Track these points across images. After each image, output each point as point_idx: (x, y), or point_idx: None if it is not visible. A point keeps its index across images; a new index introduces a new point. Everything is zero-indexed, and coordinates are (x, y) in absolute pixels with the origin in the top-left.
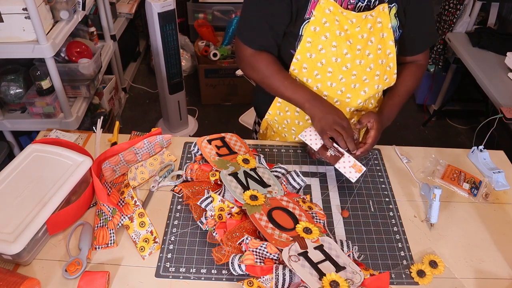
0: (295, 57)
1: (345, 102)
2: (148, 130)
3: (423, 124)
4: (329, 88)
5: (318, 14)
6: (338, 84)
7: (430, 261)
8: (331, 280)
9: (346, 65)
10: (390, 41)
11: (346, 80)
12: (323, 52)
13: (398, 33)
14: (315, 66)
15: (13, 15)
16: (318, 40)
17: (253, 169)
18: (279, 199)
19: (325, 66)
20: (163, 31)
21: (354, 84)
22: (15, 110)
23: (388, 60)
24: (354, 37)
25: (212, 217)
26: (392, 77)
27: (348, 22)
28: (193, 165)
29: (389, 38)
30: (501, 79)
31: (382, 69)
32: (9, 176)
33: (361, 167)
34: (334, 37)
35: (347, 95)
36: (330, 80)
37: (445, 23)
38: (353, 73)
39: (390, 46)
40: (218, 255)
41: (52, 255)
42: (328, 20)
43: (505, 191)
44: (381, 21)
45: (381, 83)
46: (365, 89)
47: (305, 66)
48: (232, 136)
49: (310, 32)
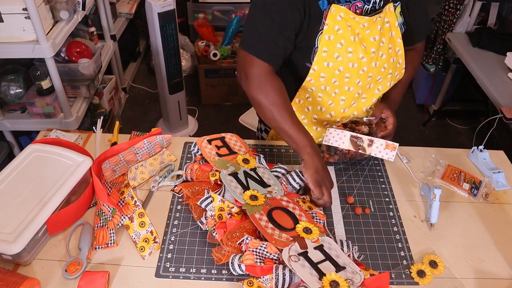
0: (312, 68)
1: (361, 103)
2: (148, 130)
3: (423, 124)
4: (346, 92)
5: (330, 22)
6: (355, 87)
7: (430, 261)
8: (331, 280)
9: (363, 68)
10: (398, 38)
11: (362, 83)
12: (340, 59)
13: (403, 30)
14: (333, 74)
15: (13, 15)
16: (334, 48)
17: (253, 169)
18: (279, 199)
19: (343, 72)
20: (163, 31)
21: (369, 84)
22: (15, 110)
23: (398, 57)
24: (366, 40)
25: (212, 217)
26: (402, 71)
27: (360, 26)
28: (193, 165)
29: (397, 36)
30: (501, 79)
31: (393, 67)
32: (9, 176)
33: (394, 144)
34: (349, 43)
35: (363, 96)
36: (347, 85)
37: (445, 23)
38: (369, 75)
39: (399, 44)
40: (218, 255)
41: (52, 255)
42: (341, 27)
43: (505, 191)
44: (389, 21)
45: (393, 80)
46: (378, 87)
47: (322, 75)
48: (232, 136)
49: (325, 41)
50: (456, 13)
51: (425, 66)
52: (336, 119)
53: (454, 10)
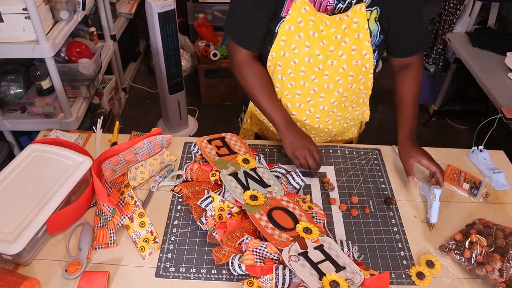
0: (270, 54)
1: (318, 101)
2: (148, 130)
3: (423, 124)
4: (302, 87)
5: (293, 13)
6: (310, 84)
7: (426, 261)
8: (331, 280)
9: (319, 66)
10: (366, 42)
11: (318, 80)
12: (296, 51)
13: (379, 38)
14: (288, 64)
15: (13, 15)
16: (292, 39)
17: (253, 169)
18: (279, 199)
19: (298, 65)
20: (163, 31)
21: (328, 84)
22: (15, 110)
23: (364, 61)
24: (328, 38)
25: (212, 217)
26: (368, 76)
27: (324, 23)
28: (193, 165)
29: (365, 39)
30: (501, 79)
31: (356, 69)
32: (9, 176)
33: None
34: (308, 37)
35: (321, 95)
36: (303, 79)
37: (445, 23)
38: (325, 73)
39: (367, 47)
40: (218, 255)
41: (52, 255)
42: (303, 19)
43: (505, 191)
44: (357, 21)
45: (355, 83)
46: (339, 89)
47: (279, 64)
48: (232, 136)
49: (285, 30)
50: (456, 13)
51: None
52: (292, 111)
53: (454, 10)
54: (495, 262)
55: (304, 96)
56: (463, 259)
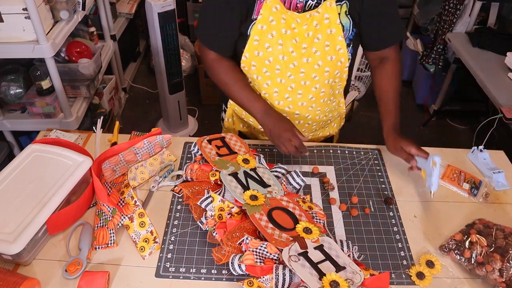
0: (243, 55)
1: (296, 98)
2: (148, 130)
3: (423, 124)
4: (279, 84)
5: (265, 12)
6: (287, 80)
7: (426, 261)
8: (331, 280)
9: (293, 62)
10: (339, 37)
11: (295, 77)
12: (270, 50)
13: (352, 32)
14: (263, 63)
15: (13, 15)
16: (265, 38)
17: (253, 169)
18: (279, 199)
19: (273, 63)
20: (163, 31)
21: (304, 81)
22: (15, 110)
23: (339, 55)
24: (300, 35)
25: (212, 217)
26: (344, 70)
27: (295, 21)
28: (193, 165)
29: (337, 34)
30: (501, 79)
31: (332, 65)
32: (9, 176)
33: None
34: (280, 35)
35: (298, 92)
36: (279, 77)
37: (445, 23)
38: (301, 70)
39: (340, 42)
40: (218, 255)
41: (52, 255)
42: (274, 18)
43: (505, 191)
44: (329, 17)
45: (332, 77)
46: (316, 85)
47: (253, 64)
48: (232, 136)
49: (257, 30)
50: (456, 13)
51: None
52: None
53: (454, 10)
54: (495, 262)
55: (282, 93)
56: (463, 259)
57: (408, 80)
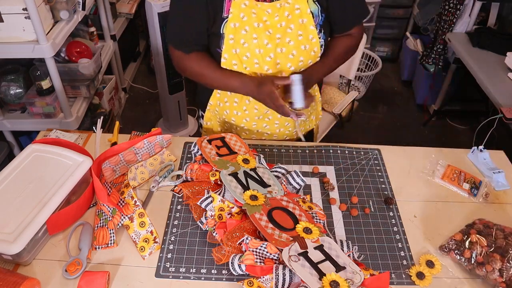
0: (222, 56)
1: None
2: (148, 130)
3: (423, 124)
4: None
5: (235, 10)
6: (266, 74)
7: (426, 261)
8: (331, 280)
9: (269, 55)
10: (311, 26)
11: (272, 70)
12: (246, 46)
13: (321, 18)
14: (242, 60)
15: (13, 15)
16: (239, 35)
17: (253, 169)
18: (279, 199)
19: (251, 58)
20: (163, 31)
21: (281, 72)
22: (15, 110)
23: (312, 45)
24: (273, 26)
25: (212, 217)
26: (317, 59)
27: (266, 13)
28: (193, 165)
29: (309, 23)
30: (501, 79)
31: (305, 54)
32: (9, 176)
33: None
34: (253, 29)
35: None
36: (258, 70)
37: (445, 23)
38: (277, 61)
39: (312, 31)
40: (218, 255)
41: (52, 255)
42: (245, 14)
43: (505, 191)
44: (299, 7)
45: (305, 67)
46: None
47: (234, 63)
48: (232, 136)
49: (230, 29)
50: (456, 13)
51: (425, 66)
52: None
53: (454, 10)
54: (495, 262)
55: None
56: (463, 259)
57: (408, 80)
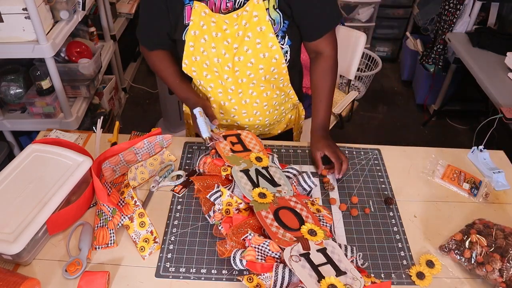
0: (183, 62)
1: (238, 97)
2: (148, 130)
3: (423, 124)
4: (221, 86)
5: (195, 18)
6: (226, 82)
7: (427, 261)
8: (329, 284)
9: (228, 64)
10: (270, 33)
11: (232, 79)
12: (206, 54)
13: (284, 25)
14: (202, 68)
15: (13, 15)
16: (199, 43)
17: (265, 167)
18: (287, 199)
19: (210, 66)
20: None
21: (241, 79)
22: (15, 110)
23: (272, 52)
24: (232, 36)
25: (220, 211)
26: (281, 66)
27: (225, 22)
28: (207, 158)
29: (268, 31)
30: (501, 79)
31: (265, 62)
32: (9, 176)
33: None
34: (212, 38)
35: (239, 91)
36: (219, 79)
37: (445, 23)
38: (235, 69)
39: (271, 39)
40: (222, 249)
41: (52, 255)
42: (205, 22)
43: (505, 191)
44: (258, 15)
45: (269, 74)
46: (253, 81)
47: (194, 70)
48: (248, 133)
49: (191, 36)
50: (456, 13)
51: (425, 66)
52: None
53: (454, 10)
54: (495, 262)
55: (225, 94)
56: (463, 259)
57: (408, 80)
